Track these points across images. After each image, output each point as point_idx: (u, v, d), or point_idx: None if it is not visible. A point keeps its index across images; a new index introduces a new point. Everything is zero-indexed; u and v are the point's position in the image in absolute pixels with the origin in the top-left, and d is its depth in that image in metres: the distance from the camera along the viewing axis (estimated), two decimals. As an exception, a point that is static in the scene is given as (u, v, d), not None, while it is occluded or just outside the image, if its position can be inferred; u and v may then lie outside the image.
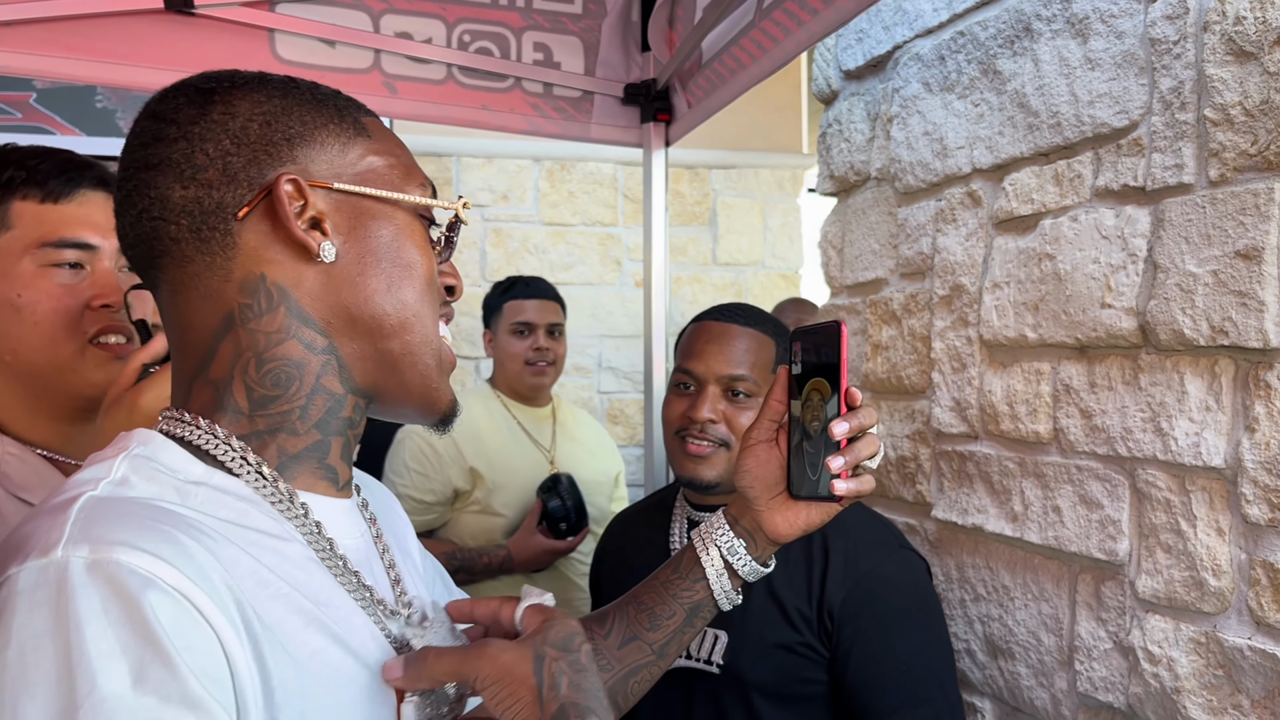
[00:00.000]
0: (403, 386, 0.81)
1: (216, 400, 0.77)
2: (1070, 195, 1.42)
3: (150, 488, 0.70)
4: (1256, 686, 1.12)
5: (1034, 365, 1.49)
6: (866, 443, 1.01)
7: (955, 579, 1.67)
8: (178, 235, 0.75)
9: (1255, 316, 1.13)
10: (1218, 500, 1.18)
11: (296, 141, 0.77)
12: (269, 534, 0.74)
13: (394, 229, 0.79)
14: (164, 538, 0.64)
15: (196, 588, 0.62)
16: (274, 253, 0.76)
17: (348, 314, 0.78)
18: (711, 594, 1.10)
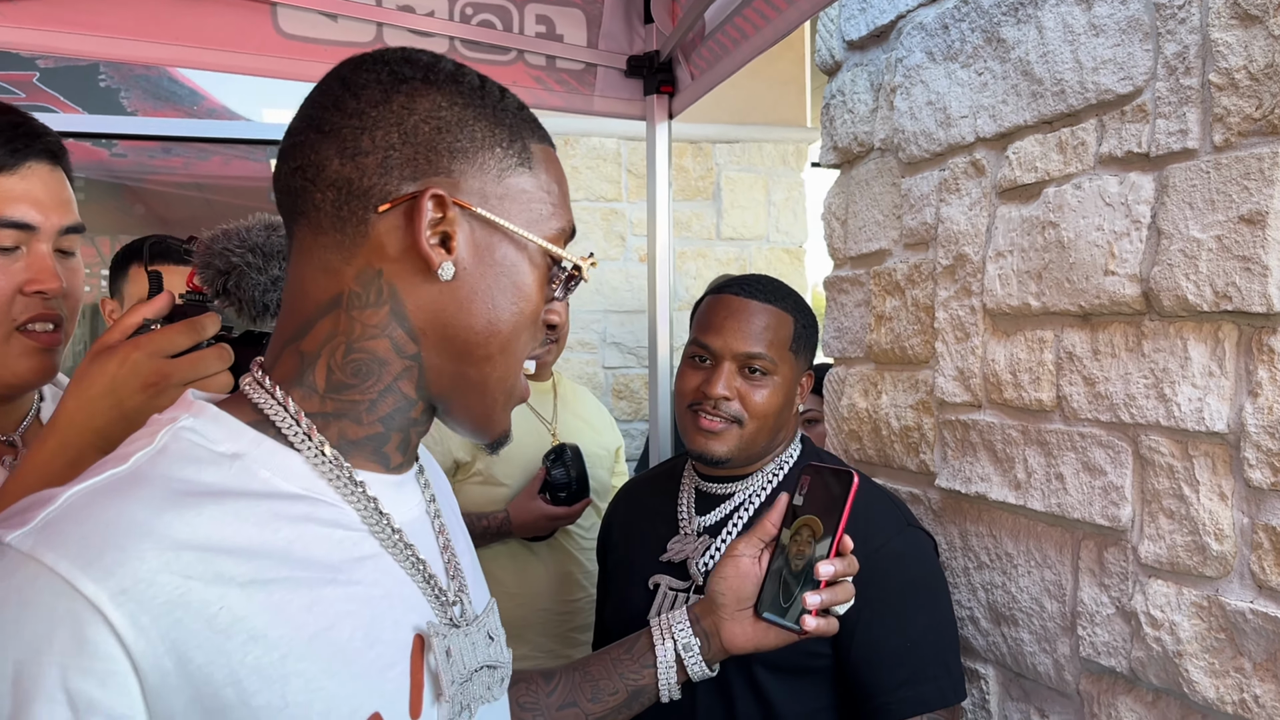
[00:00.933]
0: (467, 409, 0.83)
1: (298, 372, 0.79)
2: (1074, 163, 1.42)
3: (183, 459, 0.72)
4: (1258, 649, 1.13)
5: (1037, 333, 1.49)
6: (844, 589, 1.10)
7: (959, 547, 1.68)
8: (321, 204, 0.77)
9: (1259, 281, 1.13)
10: (1220, 465, 1.19)
11: (459, 155, 0.77)
12: (297, 505, 0.74)
13: (516, 263, 0.80)
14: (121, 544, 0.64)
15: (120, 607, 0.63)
16: (398, 254, 0.77)
17: (444, 331, 0.79)
18: (656, 683, 1.15)
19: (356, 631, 0.73)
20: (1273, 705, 1.11)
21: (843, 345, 2.06)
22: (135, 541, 0.65)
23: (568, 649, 2.44)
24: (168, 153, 4.88)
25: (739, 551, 1.16)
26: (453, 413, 0.83)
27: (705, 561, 1.55)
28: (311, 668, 0.69)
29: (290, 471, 0.75)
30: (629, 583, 1.63)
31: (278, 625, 0.68)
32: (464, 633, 0.83)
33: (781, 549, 1.12)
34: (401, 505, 0.83)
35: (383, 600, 0.76)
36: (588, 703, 1.14)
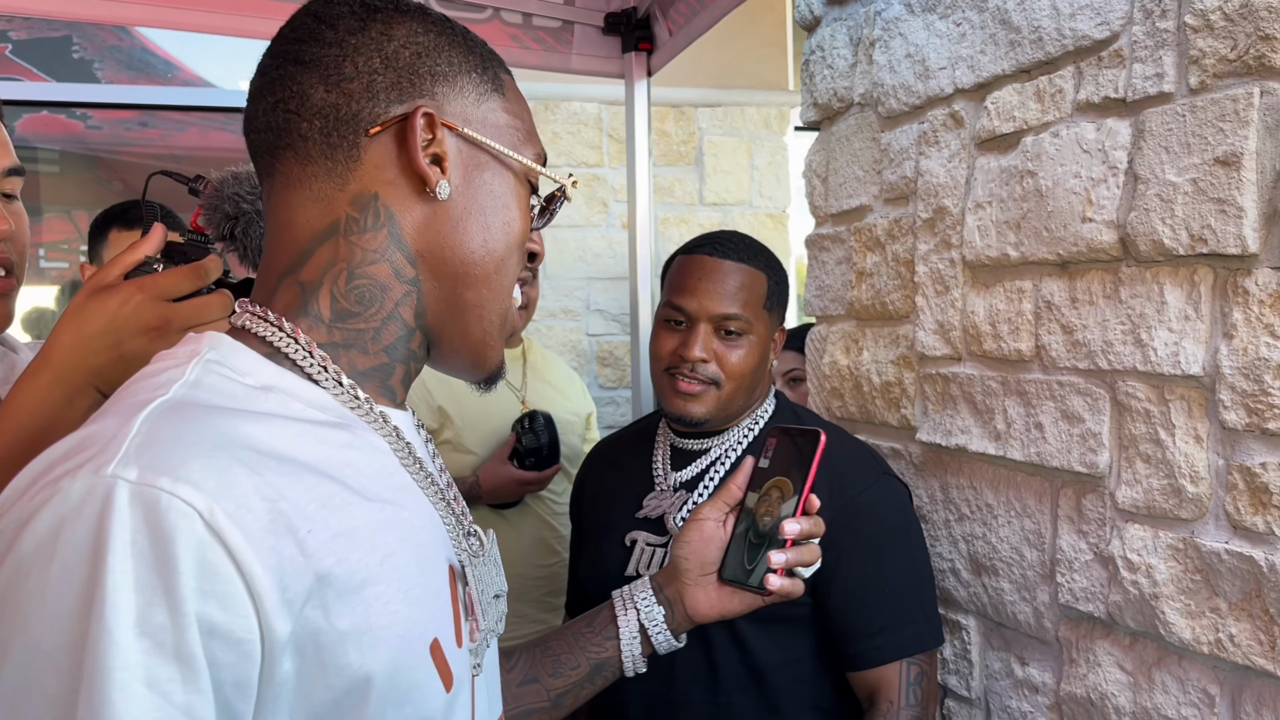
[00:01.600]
0: (464, 337, 0.83)
1: (302, 303, 0.78)
2: (1051, 111, 1.42)
3: (222, 391, 0.71)
4: (1233, 589, 1.14)
5: (1016, 284, 1.49)
6: (809, 550, 1.08)
7: (940, 500, 1.69)
8: (308, 133, 0.77)
9: (1234, 223, 1.13)
10: (1196, 408, 1.19)
11: (440, 79, 0.79)
12: (339, 431, 0.74)
13: (503, 185, 0.83)
14: (218, 466, 0.63)
15: (235, 527, 0.61)
16: (393, 176, 0.78)
17: (441, 253, 0.80)
18: (619, 655, 1.13)
19: (412, 558, 0.74)
20: (1248, 644, 1.12)
21: (824, 303, 2.06)
22: (226, 464, 0.63)
23: (544, 614, 2.45)
24: (144, 125, 4.83)
25: (703, 515, 1.14)
26: (449, 343, 0.83)
27: (682, 516, 1.56)
28: (386, 591, 0.70)
29: (319, 402, 0.75)
30: (605, 540, 1.63)
31: (354, 549, 0.68)
32: (482, 561, 0.85)
33: (747, 512, 1.11)
34: (413, 439, 0.84)
35: (423, 530, 0.77)
36: (549, 678, 1.13)
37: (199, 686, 0.59)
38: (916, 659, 1.48)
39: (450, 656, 0.76)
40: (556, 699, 1.13)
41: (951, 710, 1.66)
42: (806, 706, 1.50)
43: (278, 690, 0.64)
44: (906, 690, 1.46)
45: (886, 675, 1.47)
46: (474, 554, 0.85)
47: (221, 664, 0.61)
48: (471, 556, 0.84)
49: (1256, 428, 1.11)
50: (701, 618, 1.13)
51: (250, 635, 0.62)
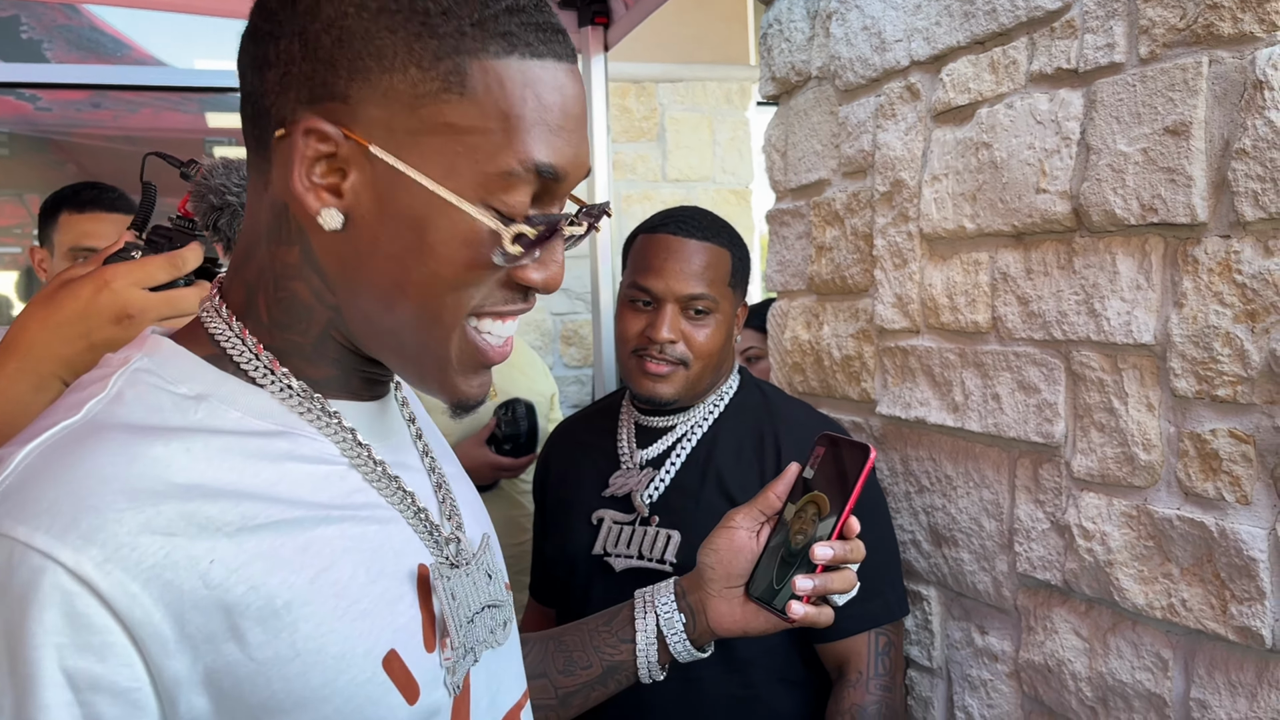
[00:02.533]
0: (405, 368, 0.73)
1: (247, 302, 0.72)
2: (1006, 82, 1.42)
3: (144, 405, 0.65)
4: (1185, 555, 1.16)
5: (972, 256, 1.50)
6: (842, 577, 0.97)
7: (900, 472, 1.70)
8: (244, 118, 0.70)
9: (1183, 192, 1.13)
10: (1148, 376, 1.20)
11: (358, 77, 0.64)
12: (275, 441, 0.68)
13: (426, 216, 0.65)
14: (98, 505, 0.58)
15: (109, 572, 0.56)
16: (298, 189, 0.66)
17: (353, 281, 0.68)
18: (635, 660, 1.04)
19: (358, 569, 0.68)
20: (1200, 609, 1.14)
21: (785, 278, 2.06)
22: (109, 501, 0.58)
23: (516, 592, 2.45)
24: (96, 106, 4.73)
25: (735, 523, 1.03)
26: (397, 369, 0.74)
27: (649, 493, 1.55)
28: (319, 610, 0.64)
29: (260, 409, 0.69)
30: (571, 519, 1.63)
31: (275, 572, 0.63)
32: (464, 572, 0.76)
33: (784, 526, 1.00)
34: (382, 436, 0.77)
35: (378, 535, 0.71)
36: (558, 674, 1.05)
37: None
38: (884, 629, 1.49)
39: (415, 666, 0.70)
40: (564, 698, 1.05)
41: (913, 680, 1.68)
42: (775, 679, 1.51)
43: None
44: (875, 660, 1.48)
45: (855, 646, 1.48)
46: (454, 563, 0.76)
47: (107, 717, 0.57)
48: (449, 567, 0.75)
49: (1206, 395, 1.12)
50: (724, 631, 1.03)
51: (136, 684, 0.58)
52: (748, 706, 1.50)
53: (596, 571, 1.56)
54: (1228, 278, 1.09)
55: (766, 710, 1.51)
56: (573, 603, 1.61)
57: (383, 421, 0.78)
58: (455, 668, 0.74)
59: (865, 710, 1.44)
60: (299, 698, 0.63)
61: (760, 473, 1.54)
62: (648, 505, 1.55)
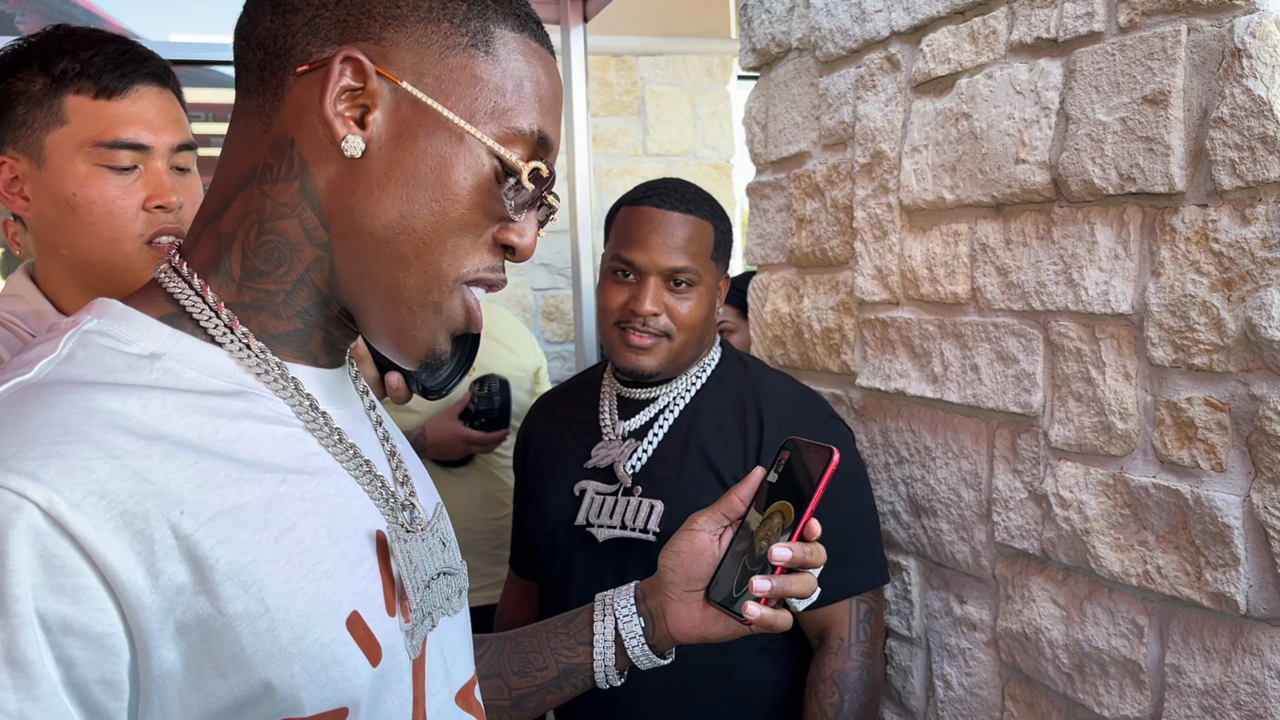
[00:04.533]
0: (381, 319, 0.74)
1: (215, 257, 0.72)
2: (986, 52, 1.41)
3: (95, 364, 0.65)
4: (1161, 522, 1.17)
5: (952, 227, 1.50)
6: (801, 580, 0.95)
7: (880, 444, 1.70)
8: (250, 64, 0.72)
9: (1161, 161, 1.13)
10: (1125, 346, 1.21)
11: (393, 22, 0.70)
12: (232, 400, 0.68)
13: (447, 155, 0.71)
14: (64, 451, 0.58)
15: (82, 515, 0.56)
16: (312, 123, 0.70)
17: (351, 218, 0.71)
18: (591, 664, 1.02)
19: (319, 530, 0.68)
20: (1175, 575, 1.15)
21: (765, 251, 2.05)
22: (74, 449, 0.58)
23: (494, 566, 2.45)
24: (69, 80, 4.66)
25: (697, 526, 1.02)
26: (366, 322, 0.74)
27: (632, 464, 1.55)
28: (285, 568, 0.64)
29: (216, 368, 0.69)
30: (553, 491, 1.62)
31: (241, 528, 0.63)
32: (419, 538, 0.77)
33: (747, 531, 0.99)
34: (338, 403, 0.77)
35: (336, 499, 0.71)
36: (513, 675, 1.03)
37: (34, 692, 0.55)
38: (865, 597, 1.50)
39: (377, 629, 0.70)
40: (518, 700, 1.03)
41: (892, 649, 1.69)
42: (756, 649, 1.52)
43: (160, 683, 0.60)
44: (856, 627, 1.49)
45: (836, 614, 1.49)
46: (410, 528, 0.77)
47: (79, 661, 0.56)
48: (405, 532, 0.76)
49: (1183, 363, 1.13)
50: (683, 637, 1.01)
51: (110, 629, 0.57)
52: (729, 676, 1.51)
53: (579, 542, 1.56)
54: (1205, 247, 1.10)
55: (748, 679, 1.52)
56: (554, 574, 1.61)
57: (338, 390, 0.78)
58: (414, 631, 0.75)
59: (847, 676, 1.45)
60: (267, 653, 0.63)
61: (743, 443, 1.54)
62: (630, 476, 1.55)
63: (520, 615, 1.78)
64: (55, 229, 1.14)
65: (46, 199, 1.13)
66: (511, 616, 1.79)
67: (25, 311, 1.17)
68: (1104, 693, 1.25)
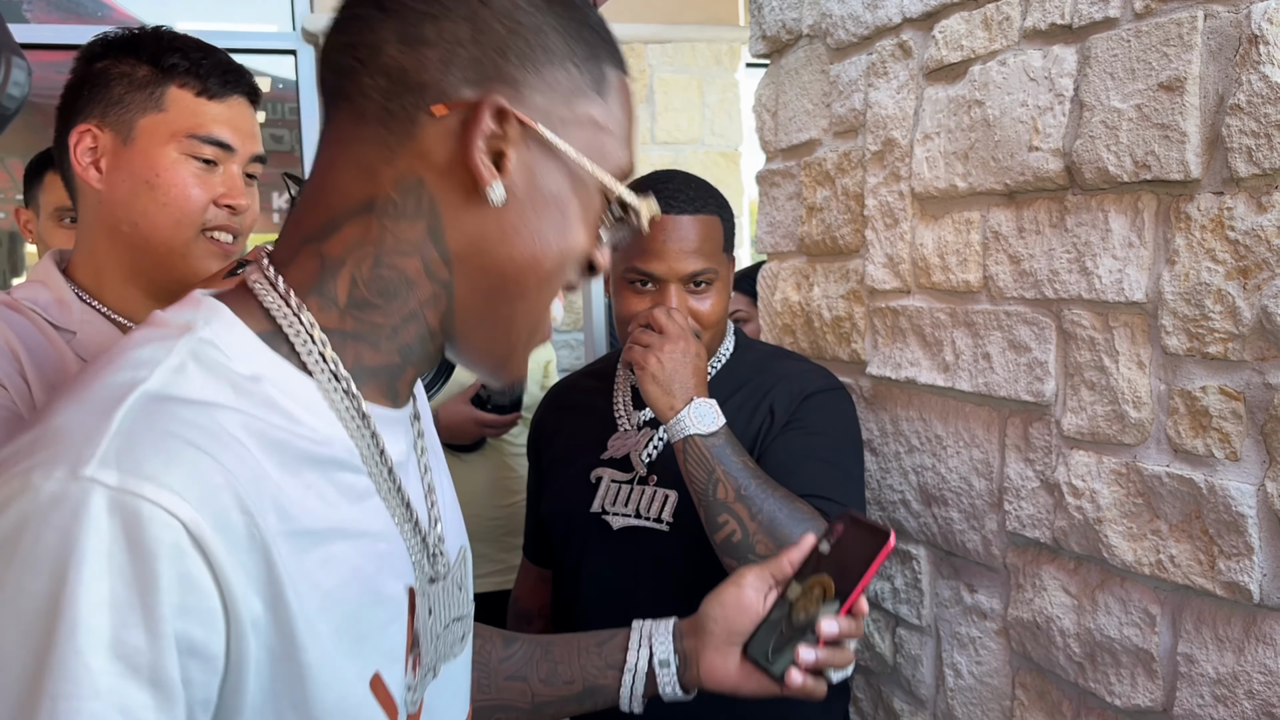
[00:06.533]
0: (488, 349, 0.76)
1: (318, 279, 0.71)
2: (999, 39, 1.40)
3: (207, 382, 0.64)
4: (1174, 511, 1.16)
5: (964, 215, 1.49)
6: (843, 653, 0.99)
7: (890, 433, 1.70)
8: (369, 90, 0.69)
9: (1177, 148, 1.13)
10: (1139, 334, 1.20)
11: (529, 65, 0.69)
12: (318, 443, 0.68)
13: (571, 195, 0.73)
14: (202, 472, 0.58)
15: (220, 538, 0.57)
16: (445, 164, 0.69)
17: (481, 260, 0.71)
18: (619, 685, 1.05)
19: (365, 589, 0.69)
20: (1188, 564, 1.15)
21: (775, 239, 2.05)
22: (212, 471, 0.59)
23: (503, 553, 2.46)
24: (78, 68, 4.66)
25: (745, 582, 1.04)
26: (472, 349, 0.76)
27: (648, 453, 1.55)
28: (327, 626, 0.65)
29: (308, 402, 0.68)
30: (569, 478, 1.62)
31: (304, 580, 0.63)
32: (441, 587, 0.79)
33: (785, 601, 1.02)
34: (398, 442, 0.77)
35: (385, 558, 0.72)
36: (538, 682, 1.06)
37: (174, 714, 0.56)
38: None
39: (395, 690, 0.72)
40: (538, 705, 1.06)
41: (902, 638, 1.69)
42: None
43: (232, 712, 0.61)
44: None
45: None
46: (434, 577, 0.78)
47: (195, 683, 0.57)
48: (429, 582, 0.77)
49: (1197, 352, 1.12)
50: (713, 685, 1.03)
51: (220, 650, 0.58)
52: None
53: (594, 529, 1.56)
54: (1220, 234, 1.09)
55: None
56: (568, 560, 1.61)
57: (398, 428, 0.78)
58: (418, 685, 0.76)
59: None
60: (324, 707, 0.64)
61: (755, 430, 1.54)
62: (646, 464, 1.55)
63: (534, 604, 1.78)
64: (125, 205, 1.17)
65: (124, 175, 1.17)
66: (526, 605, 1.80)
67: (48, 300, 1.17)
68: (1115, 682, 1.25)
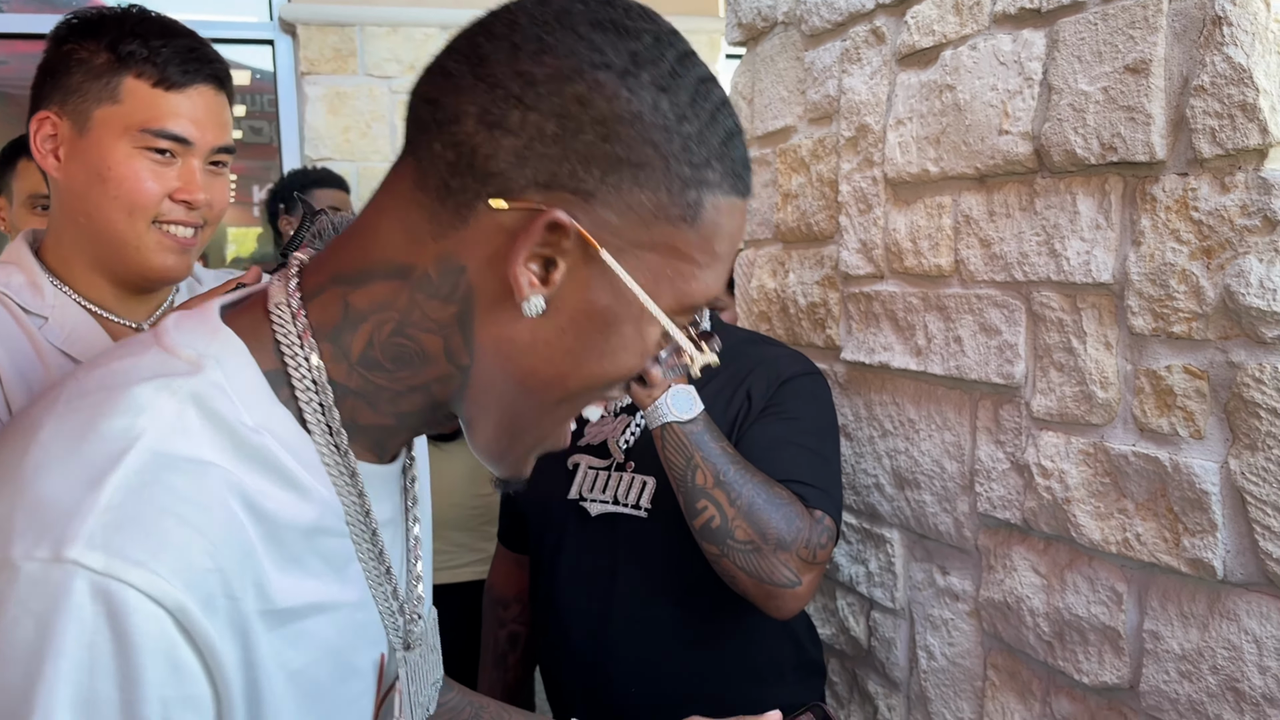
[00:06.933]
0: (492, 436, 0.71)
1: (337, 326, 0.66)
2: (970, 24, 1.41)
3: (206, 441, 0.60)
4: (1140, 490, 1.18)
5: (936, 199, 1.50)
6: None
7: (864, 417, 1.71)
8: (436, 156, 0.63)
9: (1142, 130, 1.14)
10: (1106, 315, 1.21)
11: (610, 181, 0.61)
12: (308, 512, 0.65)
13: (623, 324, 0.65)
14: (191, 555, 0.56)
15: (208, 621, 0.55)
16: (490, 259, 0.63)
17: (507, 362, 0.66)
18: None
19: (334, 668, 0.67)
20: (1153, 542, 1.16)
21: (752, 228, 2.05)
22: (199, 558, 0.56)
23: (481, 542, 2.45)
24: (53, 58, 4.61)
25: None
26: (476, 433, 0.71)
27: (626, 439, 1.56)
28: (291, 707, 0.63)
29: (306, 461, 0.65)
30: (545, 465, 1.61)
31: (271, 659, 0.61)
32: (418, 654, 0.77)
33: None
34: (382, 500, 0.73)
35: (359, 630, 0.69)
36: None
37: None
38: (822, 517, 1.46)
39: None
40: None
41: (877, 621, 1.70)
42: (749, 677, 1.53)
43: None
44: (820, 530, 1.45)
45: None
46: (409, 643, 0.75)
47: None
48: (404, 649, 0.75)
49: (1162, 332, 1.13)
50: None
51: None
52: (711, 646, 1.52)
53: (572, 516, 1.56)
54: (1185, 215, 1.10)
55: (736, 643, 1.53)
56: (546, 548, 1.61)
57: (386, 485, 0.74)
58: None
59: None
60: None
61: (734, 415, 1.54)
62: (624, 450, 1.55)
63: (510, 590, 1.78)
64: (80, 196, 1.15)
65: (80, 165, 1.15)
66: (501, 591, 1.80)
67: (20, 283, 1.16)
68: (1083, 660, 1.27)
